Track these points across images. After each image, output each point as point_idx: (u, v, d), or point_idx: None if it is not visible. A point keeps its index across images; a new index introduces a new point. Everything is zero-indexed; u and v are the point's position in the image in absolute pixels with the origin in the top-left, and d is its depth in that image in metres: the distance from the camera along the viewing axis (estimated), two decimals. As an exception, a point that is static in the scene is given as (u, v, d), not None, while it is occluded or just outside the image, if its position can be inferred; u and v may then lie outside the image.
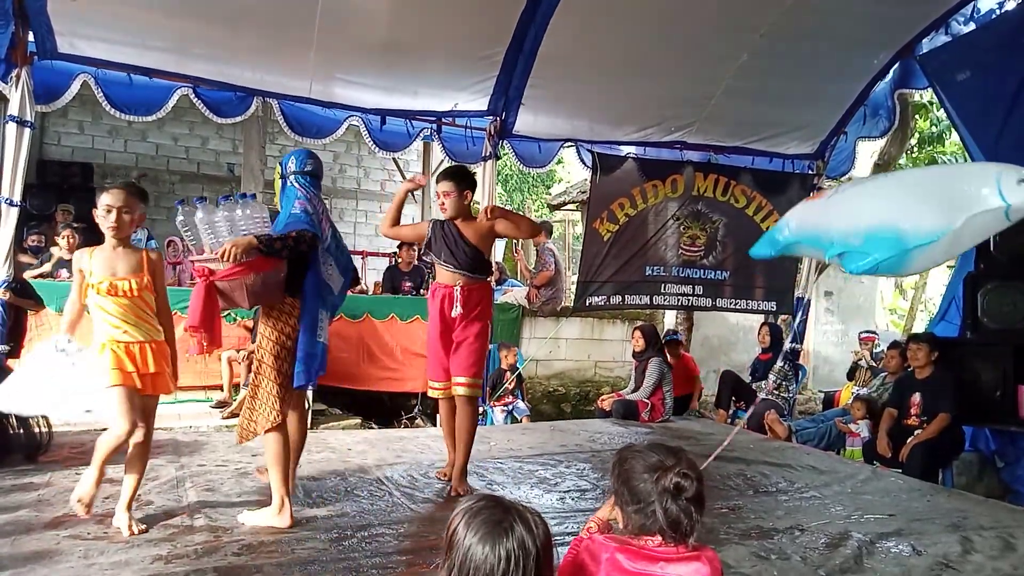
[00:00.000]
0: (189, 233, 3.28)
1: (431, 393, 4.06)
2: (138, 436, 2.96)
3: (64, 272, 6.34)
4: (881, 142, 8.64)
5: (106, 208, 2.94)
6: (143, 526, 3.01)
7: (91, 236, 6.18)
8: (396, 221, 4.02)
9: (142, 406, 2.98)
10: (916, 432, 5.01)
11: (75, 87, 5.15)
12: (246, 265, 2.98)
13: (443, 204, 3.84)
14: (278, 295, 3.20)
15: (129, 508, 3.01)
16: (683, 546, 1.66)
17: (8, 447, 3.91)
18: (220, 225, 3.20)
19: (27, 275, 6.24)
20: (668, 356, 6.58)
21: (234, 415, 5.83)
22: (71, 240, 6.50)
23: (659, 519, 1.62)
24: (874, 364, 7.54)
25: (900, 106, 6.87)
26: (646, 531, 1.66)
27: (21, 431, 3.99)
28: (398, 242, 7.73)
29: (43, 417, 4.04)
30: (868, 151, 9.16)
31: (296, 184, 3.30)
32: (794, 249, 3.63)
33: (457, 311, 3.77)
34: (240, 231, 3.18)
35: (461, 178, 3.88)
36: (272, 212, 3.45)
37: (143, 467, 3.07)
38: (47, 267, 6.60)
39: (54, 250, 6.70)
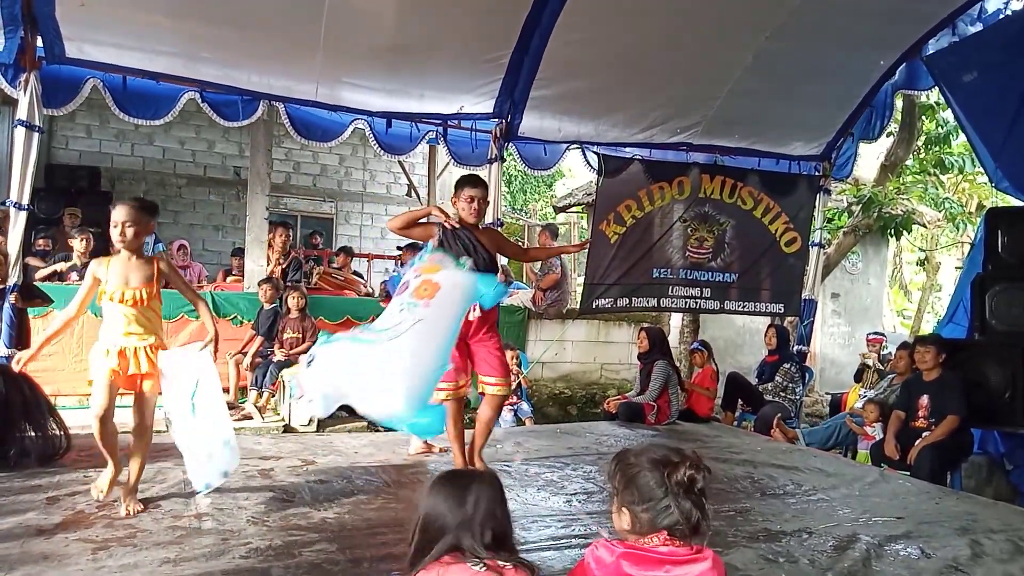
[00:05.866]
0: None
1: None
2: (135, 425, 3.35)
3: (74, 275, 6.39)
4: (888, 144, 8.61)
5: (114, 223, 3.28)
6: (140, 506, 3.29)
7: (102, 240, 6.28)
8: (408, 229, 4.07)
9: (135, 401, 3.35)
10: (924, 434, 4.99)
11: (85, 91, 5.19)
12: None
13: (477, 210, 4.00)
14: None
15: (132, 492, 3.32)
16: (688, 547, 1.66)
17: (25, 451, 3.92)
18: None
19: (39, 275, 6.30)
20: (693, 363, 6.50)
21: (245, 418, 5.84)
22: (88, 244, 6.66)
23: (673, 514, 1.66)
24: (882, 367, 7.51)
25: (907, 107, 6.81)
26: (656, 528, 1.67)
27: (38, 435, 4.00)
28: (404, 245, 7.72)
29: (60, 422, 4.07)
30: (874, 153, 9.13)
31: None
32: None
33: (476, 314, 3.92)
34: None
35: (487, 186, 4.21)
36: None
37: (141, 456, 3.39)
38: (63, 266, 6.66)
39: (73, 253, 6.79)
